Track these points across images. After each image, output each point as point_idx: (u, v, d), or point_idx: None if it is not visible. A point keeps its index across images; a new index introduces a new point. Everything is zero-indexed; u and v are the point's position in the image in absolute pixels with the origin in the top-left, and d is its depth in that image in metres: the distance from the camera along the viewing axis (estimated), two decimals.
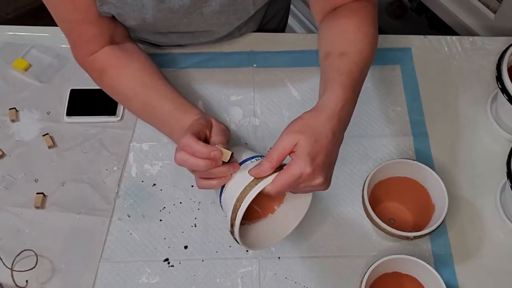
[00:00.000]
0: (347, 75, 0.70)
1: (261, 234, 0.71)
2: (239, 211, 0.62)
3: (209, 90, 0.98)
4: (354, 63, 0.72)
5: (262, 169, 0.64)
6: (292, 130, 0.65)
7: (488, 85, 0.97)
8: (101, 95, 0.95)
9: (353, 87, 0.70)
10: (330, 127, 0.66)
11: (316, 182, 0.65)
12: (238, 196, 0.63)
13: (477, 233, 0.85)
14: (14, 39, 1.03)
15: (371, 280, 0.76)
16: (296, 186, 0.64)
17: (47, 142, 0.91)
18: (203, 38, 0.97)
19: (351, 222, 0.86)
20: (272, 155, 0.64)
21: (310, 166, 0.62)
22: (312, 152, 0.63)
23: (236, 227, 0.63)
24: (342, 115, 0.68)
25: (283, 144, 0.64)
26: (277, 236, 0.73)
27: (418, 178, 0.84)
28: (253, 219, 0.73)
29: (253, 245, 0.70)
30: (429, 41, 1.04)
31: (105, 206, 0.87)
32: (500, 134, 0.93)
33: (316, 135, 0.64)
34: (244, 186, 0.63)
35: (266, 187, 0.63)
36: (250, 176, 0.64)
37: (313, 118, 0.66)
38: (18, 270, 0.80)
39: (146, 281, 0.82)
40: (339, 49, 0.74)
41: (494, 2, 1.16)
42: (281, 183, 0.63)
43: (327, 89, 0.69)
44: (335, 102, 0.67)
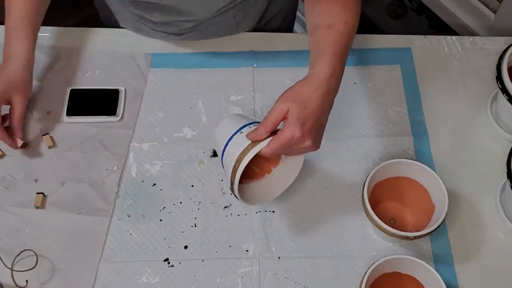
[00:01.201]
0: (334, 46, 0.76)
1: (259, 192, 0.78)
2: (238, 171, 0.69)
3: (209, 90, 0.98)
4: (340, 33, 0.77)
5: (258, 133, 0.71)
6: (285, 98, 0.71)
7: (488, 85, 0.97)
8: (101, 95, 0.95)
9: (340, 56, 0.76)
10: (319, 94, 0.72)
11: (306, 144, 0.71)
12: (237, 157, 0.70)
13: (477, 233, 0.85)
14: None
15: (371, 280, 0.76)
16: (288, 148, 0.71)
17: (47, 142, 0.91)
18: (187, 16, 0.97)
19: (351, 222, 0.86)
20: (267, 121, 0.71)
21: (300, 130, 0.69)
22: (302, 117, 0.70)
23: (236, 185, 0.70)
24: (331, 83, 0.73)
25: (276, 111, 0.70)
26: (273, 193, 0.79)
27: (418, 178, 0.84)
28: (252, 179, 0.79)
29: (252, 200, 0.77)
30: (429, 41, 1.04)
31: (105, 206, 0.87)
32: (500, 134, 0.93)
33: (306, 102, 0.71)
34: (242, 149, 0.70)
35: (262, 150, 0.70)
36: (248, 140, 0.71)
37: (304, 87, 0.73)
38: (18, 270, 0.80)
39: (146, 281, 0.82)
40: (326, 21, 0.78)
41: (494, 2, 1.16)
42: (275, 145, 0.69)
43: (317, 61, 0.75)
44: (323, 71, 0.73)
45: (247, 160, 0.69)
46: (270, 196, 0.79)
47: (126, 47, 1.02)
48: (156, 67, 1.00)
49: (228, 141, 0.73)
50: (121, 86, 0.97)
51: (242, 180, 0.71)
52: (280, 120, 0.71)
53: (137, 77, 0.99)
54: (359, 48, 1.02)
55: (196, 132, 0.94)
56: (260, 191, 0.78)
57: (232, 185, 0.71)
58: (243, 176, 0.70)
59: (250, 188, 0.77)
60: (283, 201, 0.87)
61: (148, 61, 1.01)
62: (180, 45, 1.03)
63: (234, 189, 0.71)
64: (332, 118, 0.94)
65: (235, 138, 0.72)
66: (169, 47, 1.03)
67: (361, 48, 1.02)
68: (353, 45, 1.01)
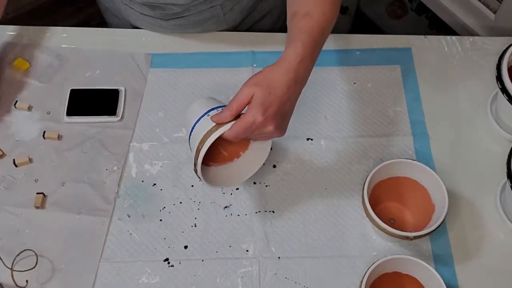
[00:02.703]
0: (308, 33, 0.75)
1: (227, 175, 0.80)
2: (201, 151, 0.71)
3: (209, 90, 0.98)
4: (316, 23, 0.76)
5: (223, 116, 0.71)
6: (251, 83, 0.72)
7: (488, 85, 0.97)
8: (101, 95, 0.95)
9: (313, 45, 0.75)
10: (286, 79, 0.72)
11: (268, 129, 0.72)
12: (201, 138, 0.71)
13: (477, 233, 0.85)
14: (14, 39, 1.03)
15: (371, 280, 0.76)
16: (250, 132, 0.72)
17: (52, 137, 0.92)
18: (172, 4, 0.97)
19: (351, 222, 0.86)
20: (231, 105, 0.71)
21: (262, 115, 0.70)
22: (265, 102, 0.70)
23: (198, 166, 0.72)
24: (300, 70, 0.73)
25: (241, 95, 0.71)
26: (240, 177, 0.81)
27: (418, 178, 0.84)
28: (220, 162, 0.80)
29: (217, 182, 0.79)
30: (429, 41, 1.04)
31: (105, 206, 0.87)
32: (500, 134, 0.93)
33: (271, 87, 0.71)
34: (206, 131, 0.71)
35: (225, 133, 0.71)
36: (213, 122, 0.72)
37: (271, 72, 0.72)
38: (18, 270, 0.80)
39: (146, 281, 0.82)
40: (304, 10, 0.78)
41: (494, 2, 1.16)
42: (237, 129, 0.70)
43: (289, 45, 0.75)
44: (293, 56, 0.73)
45: (210, 141, 0.70)
46: (238, 180, 0.81)
47: (126, 47, 1.02)
48: (156, 67, 1.00)
49: (195, 123, 0.74)
50: (121, 86, 0.97)
51: (209, 163, 0.74)
52: (245, 104, 0.71)
53: (137, 77, 0.99)
54: (359, 48, 1.02)
55: None
56: (228, 174, 0.80)
57: (195, 166, 0.72)
58: (212, 159, 0.73)
59: (218, 170, 0.79)
60: (283, 201, 0.88)
61: (148, 61, 1.01)
62: (180, 45, 1.03)
63: (197, 170, 0.72)
64: (333, 118, 0.95)
65: (202, 120, 0.74)
66: (169, 47, 1.03)
67: (361, 48, 1.02)
68: (354, 45, 1.03)
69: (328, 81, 0.99)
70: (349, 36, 1.04)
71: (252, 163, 0.81)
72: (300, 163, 0.91)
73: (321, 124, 0.94)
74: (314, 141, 0.93)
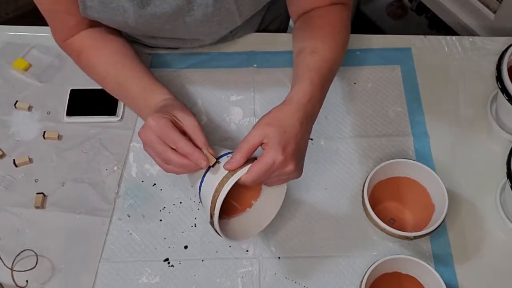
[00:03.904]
0: (316, 71, 0.73)
1: (240, 228, 0.74)
2: (218, 201, 0.64)
3: (209, 90, 0.98)
4: (324, 61, 0.75)
5: (234, 161, 0.67)
6: (261, 124, 0.69)
7: (488, 85, 0.97)
8: (101, 95, 0.95)
9: (321, 83, 0.73)
10: (297, 117, 0.70)
11: (288, 169, 0.68)
12: (216, 187, 0.65)
13: (477, 233, 0.85)
14: (14, 39, 1.03)
15: (371, 280, 0.76)
16: (270, 174, 0.68)
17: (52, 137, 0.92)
18: (191, 44, 0.98)
19: (351, 222, 0.86)
20: (242, 147, 0.67)
21: (282, 154, 0.66)
22: (282, 141, 0.67)
23: (216, 217, 0.65)
24: (309, 108, 0.71)
25: (252, 136, 0.67)
26: (255, 228, 0.76)
27: (418, 178, 0.84)
28: (232, 215, 0.75)
29: (233, 237, 0.73)
30: (429, 41, 1.04)
31: (105, 206, 0.87)
32: (500, 134, 0.93)
33: (285, 126, 0.68)
34: (221, 178, 0.65)
35: (242, 177, 0.65)
36: (225, 170, 0.67)
37: (281, 111, 0.70)
38: (18, 270, 0.80)
39: (146, 281, 0.82)
40: (311, 46, 0.77)
41: (494, 2, 1.16)
42: (256, 172, 0.66)
43: (296, 84, 0.73)
44: (302, 95, 0.71)
45: (227, 188, 0.64)
46: (254, 231, 0.76)
47: None
48: (156, 67, 1.00)
49: (204, 175, 0.69)
50: None
51: (222, 216, 0.66)
52: (256, 146, 0.67)
53: None
54: (359, 48, 1.02)
55: None
56: (241, 226, 0.74)
57: (211, 218, 0.66)
58: (222, 212, 0.65)
59: (231, 224, 0.73)
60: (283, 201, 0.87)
61: (148, 61, 1.01)
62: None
63: (214, 222, 0.66)
64: (333, 118, 0.95)
65: (212, 169, 0.68)
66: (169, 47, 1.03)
67: (361, 48, 1.02)
68: (354, 45, 1.02)
69: None
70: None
71: (267, 211, 0.76)
72: None
73: (321, 124, 0.94)
74: (314, 141, 0.93)
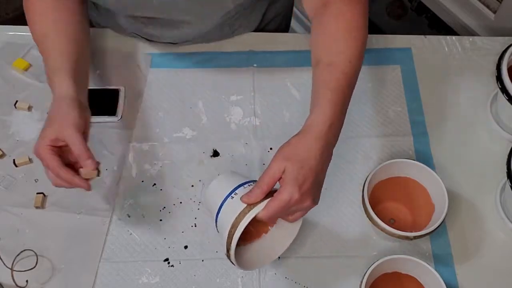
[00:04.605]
0: (335, 91, 0.71)
1: (255, 254, 0.74)
2: (234, 237, 0.65)
3: (209, 90, 0.98)
4: (343, 74, 0.72)
5: (253, 196, 0.66)
6: (280, 157, 0.67)
7: (488, 85, 0.97)
8: (101, 95, 0.95)
9: (341, 103, 0.71)
10: (317, 148, 0.67)
11: (305, 205, 0.68)
12: (233, 222, 0.66)
13: (477, 233, 0.85)
14: (14, 39, 1.03)
15: (371, 280, 0.76)
16: (286, 211, 0.67)
17: None
18: (183, 28, 0.95)
19: (351, 222, 0.86)
20: (262, 182, 0.66)
21: (298, 192, 0.65)
22: (299, 178, 0.65)
23: (232, 251, 0.66)
24: (330, 135, 0.69)
25: (272, 171, 0.66)
26: (270, 256, 0.75)
27: (418, 178, 0.84)
28: (248, 240, 0.75)
29: (251, 265, 0.73)
30: (429, 41, 1.04)
31: (105, 206, 0.87)
32: (500, 134, 0.93)
33: (303, 160, 0.66)
34: (238, 212, 0.66)
35: (259, 214, 0.65)
36: (242, 203, 0.67)
37: (300, 142, 0.68)
38: (18, 270, 0.80)
39: (146, 281, 0.82)
40: (328, 58, 0.74)
41: (494, 2, 1.16)
42: (273, 209, 0.65)
43: (316, 107, 0.70)
44: (322, 121, 0.69)
45: (243, 226, 0.65)
46: (271, 257, 0.75)
47: (126, 47, 1.02)
48: (156, 67, 1.00)
49: (221, 204, 0.69)
50: (121, 86, 0.97)
51: (239, 243, 0.67)
52: (276, 180, 0.66)
53: (137, 77, 0.99)
54: None
55: (196, 132, 0.94)
56: (259, 252, 0.74)
57: (228, 251, 0.67)
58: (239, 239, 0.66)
59: (247, 250, 0.74)
60: None
61: (148, 61, 1.01)
62: (180, 45, 1.03)
63: (230, 256, 0.67)
64: None
65: (229, 200, 0.68)
66: (169, 47, 1.02)
67: None
68: None
69: None
70: None
71: (282, 238, 0.75)
72: None
73: None
74: None
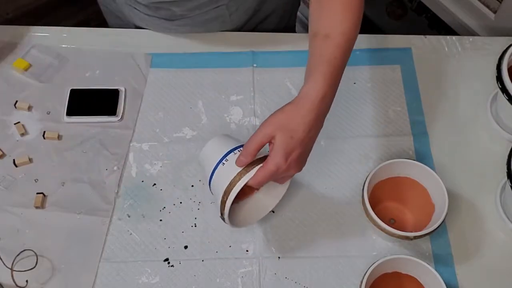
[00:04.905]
0: (329, 63, 0.73)
1: (250, 209, 0.79)
2: (227, 204, 0.70)
3: (209, 90, 0.98)
4: (337, 46, 0.74)
5: (241, 162, 0.70)
6: (271, 123, 0.70)
7: (488, 85, 0.97)
8: (101, 95, 0.95)
9: (335, 75, 0.73)
10: (309, 120, 0.70)
11: (291, 173, 0.72)
12: (225, 189, 0.70)
13: (477, 233, 0.85)
14: (14, 39, 1.03)
15: (371, 280, 0.76)
16: (274, 178, 0.72)
17: (52, 137, 0.92)
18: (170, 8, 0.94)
19: (351, 222, 0.86)
20: (249, 148, 0.70)
21: (285, 162, 0.69)
22: (288, 148, 0.69)
23: (226, 215, 0.71)
24: (322, 106, 0.71)
25: (260, 137, 0.70)
26: (262, 211, 0.80)
27: (418, 178, 0.84)
28: (241, 198, 0.78)
29: (241, 223, 0.77)
30: (429, 41, 1.04)
31: (105, 206, 0.87)
32: (500, 134, 0.93)
33: (293, 131, 0.69)
34: (229, 180, 0.70)
35: (249, 181, 0.70)
36: (234, 168, 0.71)
37: (293, 112, 0.70)
38: (18, 270, 0.80)
39: (146, 281, 0.82)
40: (325, 30, 0.75)
41: (494, 2, 1.16)
42: (260, 178, 0.69)
43: (310, 78, 0.72)
44: (315, 93, 0.71)
45: (234, 193, 0.69)
46: (262, 212, 0.79)
47: (126, 47, 1.02)
48: (156, 67, 1.00)
49: (214, 169, 0.73)
50: (121, 86, 0.97)
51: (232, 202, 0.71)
52: (263, 144, 0.70)
53: (137, 77, 0.99)
54: (359, 48, 1.02)
55: (196, 132, 0.94)
56: (248, 210, 0.78)
57: (222, 215, 0.72)
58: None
59: (240, 207, 0.78)
60: (283, 201, 0.87)
61: (148, 61, 1.01)
62: (180, 45, 1.03)
63: (225, 219, 0.72)
64: (333, 118, 0.95)
65: (220, 167, 0.72)
66: (169, 47, 1.03)
67: (361, 48, 1.02)
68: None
69: None
70: None
71: (272, 196, 0.79)
72: None
73: None
74: None
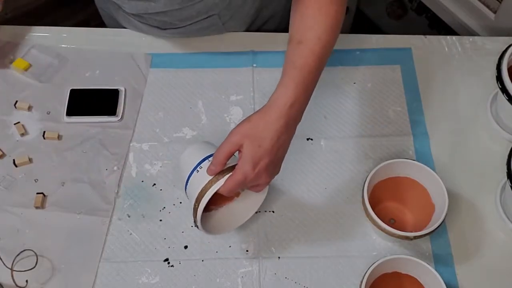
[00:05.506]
0: (301, 69, 0.71)
1: (225, 218, 0.78)
2: (198, 210, 0.70)
3: (209, 90, 0.98)
4: (311, 52, 0.71)
5: (211, 171, 0.70)
6: (239, 132, 0.69)
7: (488, 85, 0.97)
8: (101, 95, 0.95)
9: (306, 82, 0.71)
10: (277, 128, 0.69)
11: (262, 181, 0.71)
12: (197, 196, 0.71)
13: (477, 233, 0.85)
14: (14, 39, 1.03)
15: (371, 280, 0.76)
16: (244, 187, 0.72)
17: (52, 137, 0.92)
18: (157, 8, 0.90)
19: (351, 222, 0.86)
20: (218, 158, 0.69)
21: (253, 171, 0.68)
22: (255, 157, 0.68)
23: (198, 222, 0.71)
24: (292, 114, 0.70)
25: (227, 147, 0.69)
26: (239, 219, 0.80)
27: (418, 178, 0.84)
28: (219, 204, 0.78)
29: (217, 230, 0.77)
30: (429, 41, 1.04)
31: (105, 206, 0.87)
32: (500, 134, 0.93)
33: (261, 139, 0.68)
34: (201, 187, 0.70)
35: (219, 189, 0.70)
36: (206, 176, 0.71)
37: (262, 120, 0.69)
38: (18, 270, 0.80)
39: (146, 281, 0.82)
40: (297, 36, 0.73)
41: (494, 2, 1.16)
42: (230, 186, 0.69)
43: (280, 85, 0.71)
44: (284, 100, 0.69)
45: (205, 200, 0.70)
46: (240, 220, 0.80)
47: (126, 47, 1.02)
48: (156, 67, 1.00)
49: (189, 176, 0.74)
50: (121, 86, 0.97)
51: (210, 207, 0.72)
52: (232, 152, 0.69)
53: (137, 77, 0.99)
54: (359, 48, 1.02)
55: (196, 132, 0.94)
56: (229, 214, 0.78)
57: (195, 222, 0.72)
58: (213, 203, 0.71)
59: (220, 213, 0.78)
60: (283, 201, 0.88)
61: (148, 61, 1.01)
62: (180, 45, 1.03)
63: (198, 226, 0.73)
64: (332, 118, 0.95)
65: (195, 174, 0.73)
66: (169, 47, 1.03)
67: (361, 48, 1.02)
68: (354, 45, 1.02)
69: (328, 81, 0.98)
70: (349, 36, 1.04)
71: (254, 198, 0.79)
72: (300, 163, 0.91)
73: (321, 124, 0.94)
74: (314, 141, 0.93)
